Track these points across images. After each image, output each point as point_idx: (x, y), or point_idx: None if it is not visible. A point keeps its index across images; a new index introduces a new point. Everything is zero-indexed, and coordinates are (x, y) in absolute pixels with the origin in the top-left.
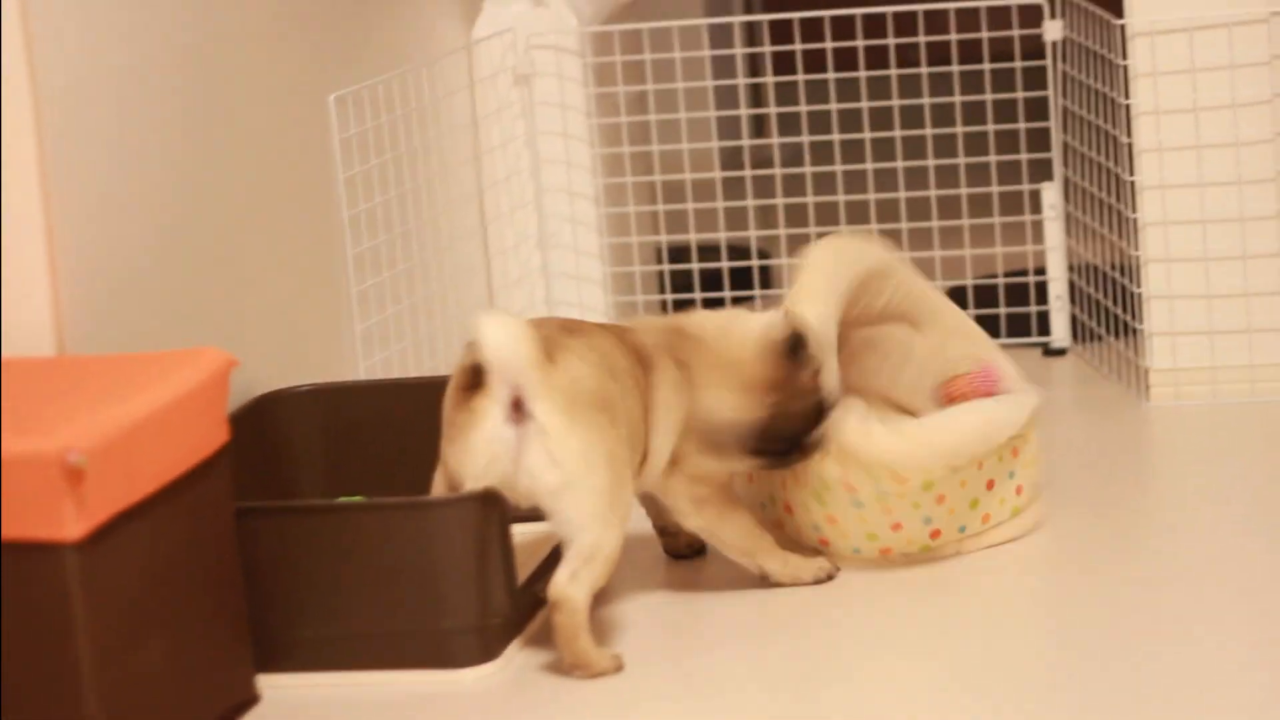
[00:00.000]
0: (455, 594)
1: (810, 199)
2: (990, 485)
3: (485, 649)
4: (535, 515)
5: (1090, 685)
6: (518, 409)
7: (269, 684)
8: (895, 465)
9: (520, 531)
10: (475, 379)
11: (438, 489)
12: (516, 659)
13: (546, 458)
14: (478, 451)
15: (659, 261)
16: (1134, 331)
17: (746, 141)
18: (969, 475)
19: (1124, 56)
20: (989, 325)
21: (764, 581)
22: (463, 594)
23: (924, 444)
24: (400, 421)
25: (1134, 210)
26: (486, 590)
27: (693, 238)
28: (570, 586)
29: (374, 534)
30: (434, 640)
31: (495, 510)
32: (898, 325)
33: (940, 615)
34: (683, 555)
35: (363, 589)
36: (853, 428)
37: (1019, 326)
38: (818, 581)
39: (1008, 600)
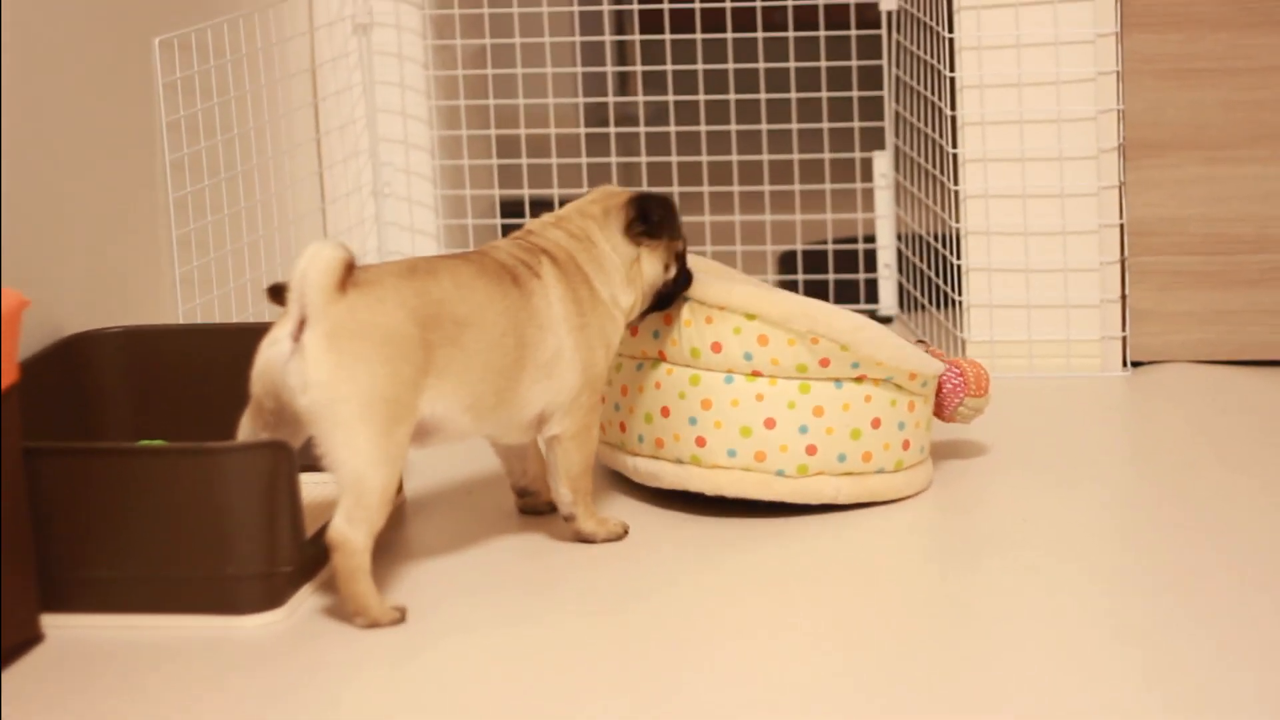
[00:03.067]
0: (241, 540)
1: (643, 159)
2: (876, 424)
3: (271, 596)
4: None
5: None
6: (301, 329)
7: (54, 624)
8: (755, 310)
9: (316, 482)
10: (280, 296)
11: (247, 408)
12: (302, 607)
13: (300, 380)
14: (260, 356)
15: (494, 215)
16: (955, 303)
17: (580, 99)
18: (853, 399)
19: (950, 29)
20: (818, 291)
21: (565, 522)
22: (249, 541)
23: (787, 297)
24: (211, 367)
25: (956, 183)
26: (273, 538)
27: (526, 192)
28: (347, 528)
29: (162, 478)
30: (220, 586)
31: (284, 458)
32: None
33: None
34: (540, 513)
35: (150, 533)
36: (718, 281)
37: (848, 293)
38: (614, 538)
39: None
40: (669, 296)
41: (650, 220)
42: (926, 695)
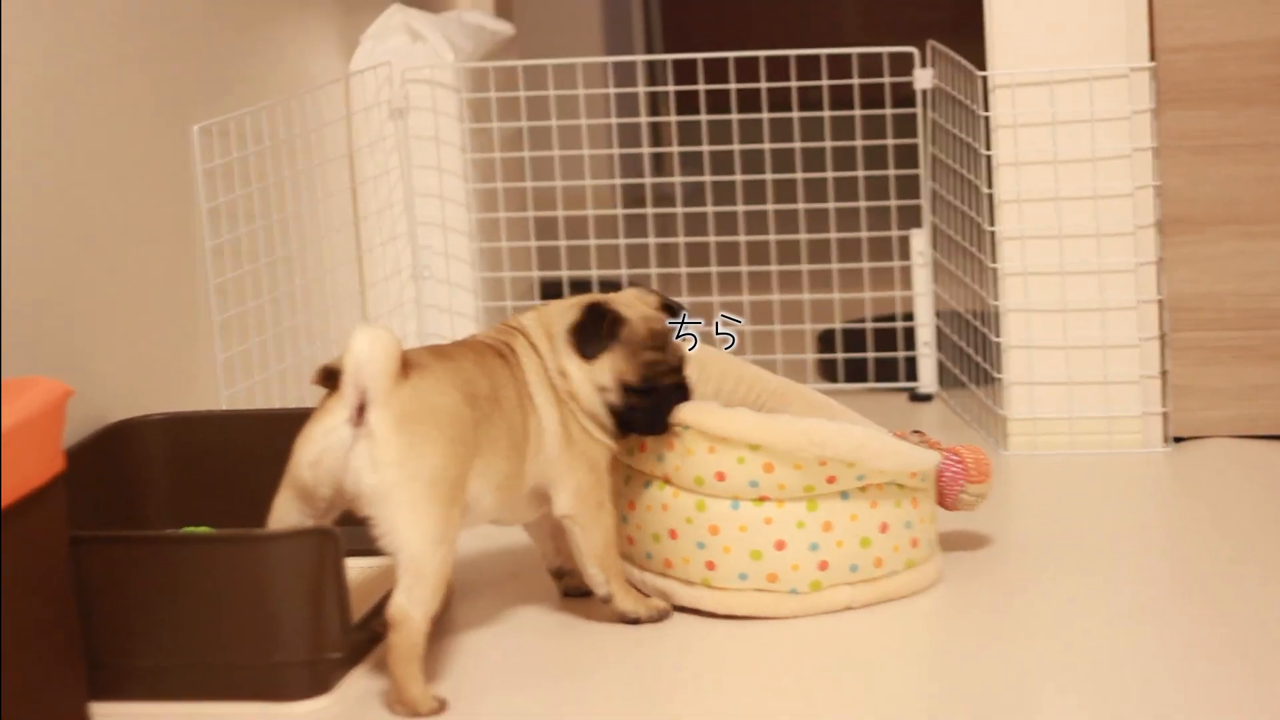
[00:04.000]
0: (288, 627)
1: (681, 239)
2: (884, 528)
3: (317, 682)
4: (375, 550)
5: None
6: (361, 413)
7: (103, 712)
8: (760, 441)
9: (359, 567)
10: (332, 380)
11: (282, 490)
12: (350, 694)
13: (369, 460)
14: (314, 441)
15: (533, 297)
16: (994, 380)
17: (617, 180)
18: (860, 509)
19: (986, 108)
20: (858, 369)
21: (603, 604)
22: (296, 627)
23: (789, 425)
24: (253, 452)
25: (994, 260)
26: (320, 624)
27: (564, 274)
28: (409, 606)
29: (208, 565)
30: (267, 673)
31: (331, 545)
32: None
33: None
34: (582, 593)
35: (197, 620)
36: (718, 413)
37: (887, 371)
38: (653, 620)
39: (867, 650)
40: (626, 427)
41: (576, 333)
42: None
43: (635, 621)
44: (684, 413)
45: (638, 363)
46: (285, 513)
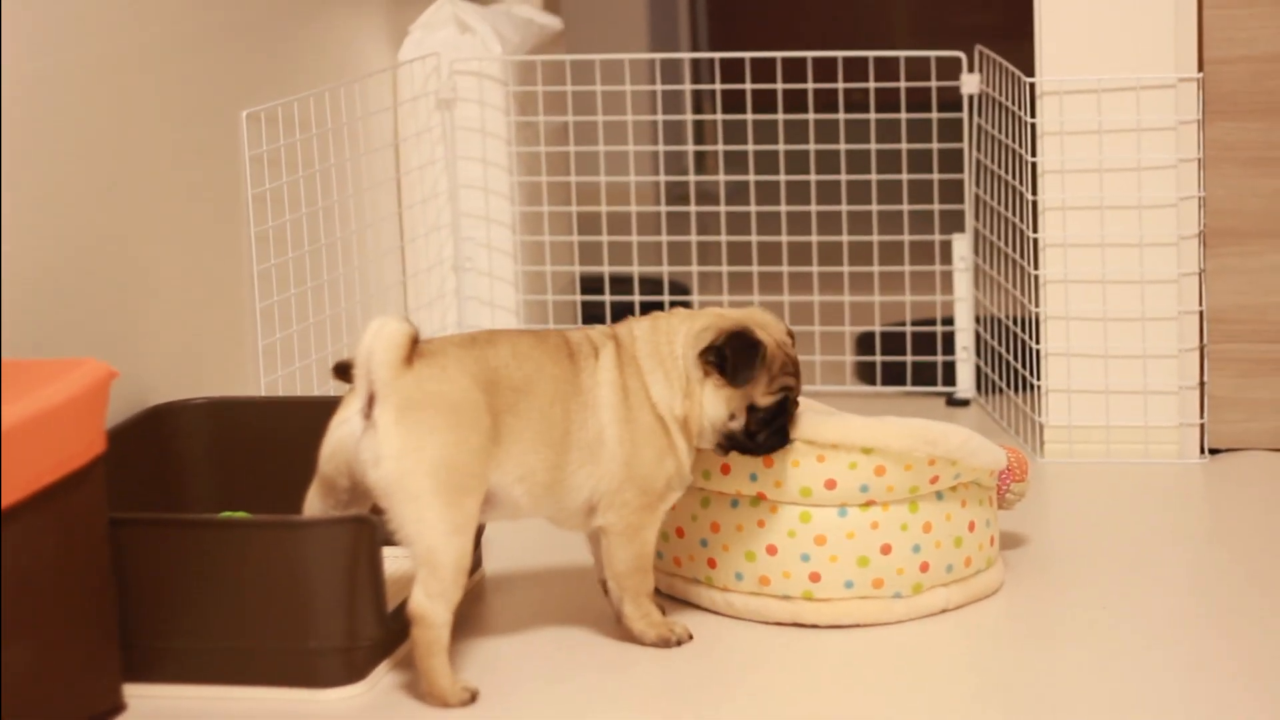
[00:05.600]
0: (323, 614)
1: (723, 238)
2: (972, 527)
3: (351, 670)
4: None
5: None
6: (371, 404)
7: (136, 694)
8: (874, 444)
9: (396, 557)
10: (346, 374)
11: (313, 481)
12: (383, 682)
13: (373, 454)
14: (330, 435)
15: (574, 292)
16: (1033, 387)
17: (661, 177)
18: (953, 509)
19: (1033, 114)
20: (896, 373)
21: (615, 622)
22: (330, 615)
23: (898, 425)
24: (292, 439)
25: (1036, 267)
26: (354, 612)
27: (606, 269)
28: (427, 602)
29: (246, 550)
30: (300, 659)
31: (366, 533)
32: None
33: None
34: None
35: (233, 604)
36: (822, 417)
37: (925, 375)
38: (663, 643)
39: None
40: (744, 448)
41: (724, 358)
42: None
43: (640, 642)
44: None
45: (775, 388)
46: (312, 504)
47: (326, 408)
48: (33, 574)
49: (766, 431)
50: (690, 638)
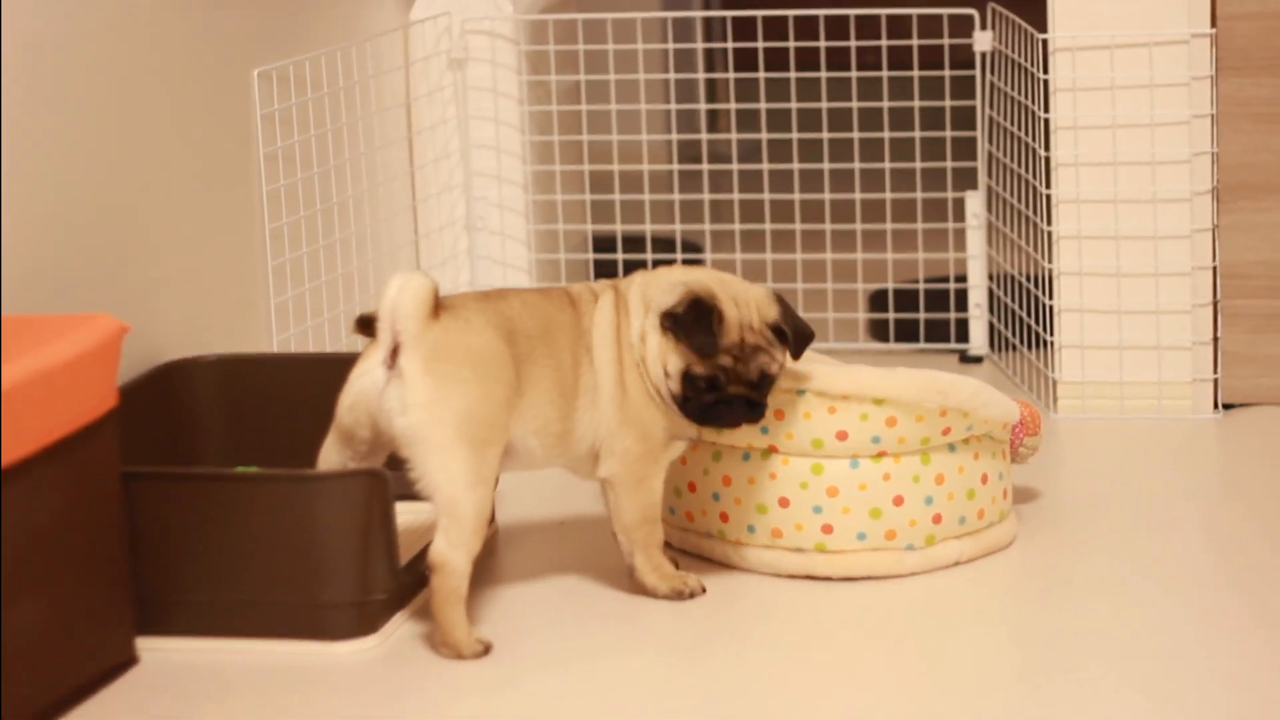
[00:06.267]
0: (335, 567)
1: (735, 195)
2: (984, 479)
3: (364, 623)
4: (424, 496)
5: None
6: (394, 356)
7: (149, 647)
8: (885, 394)
9: (410, 512)
10: (369, 328)
11: (329, 434)
12: (395, 635)
13: (399, 402)
14: (351, 385)
15: (586, 250)
16: (1046, 343)
17: (674, 135)
18: (965, 461)
19: (1046, 71)
20: (909, 330)
21: (627, 576)
22: (343, 568)
23: (910, 376)
24: (304, 395)
25: (1050, 223)
26: (367, 565)
27: (618, 228)
28: (448, 550)
29: (257, 504)
30: (313, 612)
31: (380, 486)
32: None
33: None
34: None
35: (245, 558)
36: (834, 369)
37: (938, 332)
38: (676, 596)
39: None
40: (680, 407)
41: (674, 317)
42: None
43: (652, 595)
44: (800, 376)
45: (710, 363)
46: (329, 456)
47: (338, 364)
48: (44, 528)
49: (697, 403)
50: (703, 590)
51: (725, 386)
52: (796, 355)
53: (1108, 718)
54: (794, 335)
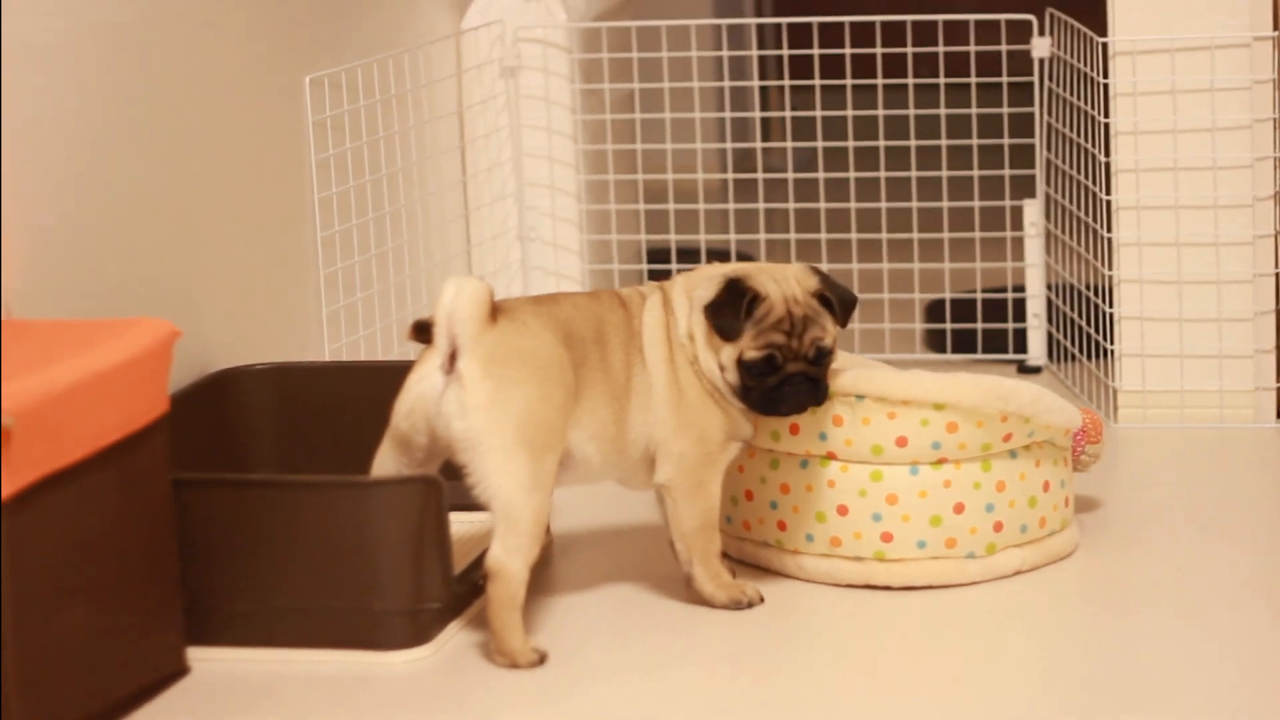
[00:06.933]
0: (389, 576)
1: (790, 204)
2: (1046, 487)
3: (417, 632)
4: (480, 504)
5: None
6: (452, 361)
7: (200, 656)
8: (946, 399)
9: (464, 521)
10: (424, 334)
11: (384, 441)
12: (449, 645)
13: (458, 406)
14: (409, 391)
15: (640, 261)
16: (1106, 352)
17: (729, 144)
18: (1027, 468)
19: (1105, 75)
20: (967, 341)
21: (685, 585)
22: (397, 576)
23: (970, 381)
24: (356, 405)
25: (1109, 230)
26: (421, 574)
27: (673, 238)
28: (505, 556)
29: (310, 511)
30: (366, 621)
31: (434, 493)
32: None
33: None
34: None
35: (298, 566)
36: (893, 374)
37: (996, 343)
38: (734, 605)
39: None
40: (756, 403)
41: (711, 306)
42: None
43: (710, 605)
44: (858, 382)
45: (761, 343)
46: (384, 463)
47: (392, 373)
48: (94, 534)
49: (759, 390)
50: (761, 600)
51: (783, 366)
52: (844, 322)
53: None
54: (839, 301)
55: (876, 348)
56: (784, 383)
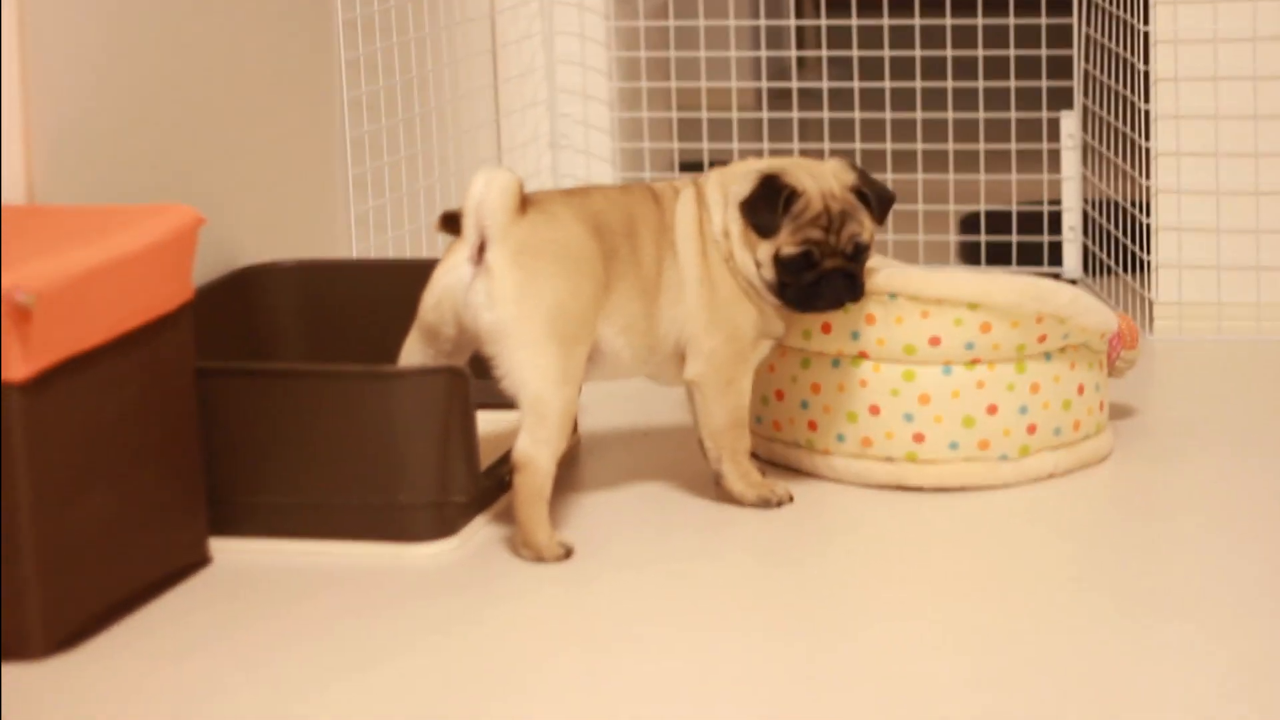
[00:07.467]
0: (414, 467)
1: (825, 114)
2: (1080, 390)
3: (443, 525)
4: (506, 402)
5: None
6: (480, 252)
7: (223, 547)
8: (980, 298)
9: (491, 420)
10: (454, 225)
11: (411, 333)
12: (475, 539)
13: (486, 297)
14: (436, 283)
15: (673, 170)
16: (1144, 265)
17: (763, 52)
18: (1061, 371)
19: None
20: (1001, 253)
21: (714, 483)
22: (422, 468)
23: (1006, 280)
24: (382, 302)
25: (1148, 139)
26: (446, 466)
27: (705, 146)
28: (532, 448)
29: (335, 401)
30: (391, 513)
31: (460, 383)
32: None
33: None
34: None
35: (323, 458)
36: (928, 272)
37: (1031, 256)
38: (764, 504)
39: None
40: (782, 298)
41: (748, 203)
42: (1113, 637)
43: (740, 503)
44: (892, 280)
45: (798, 239)
46: (411, 354)
47: (418, 270)
48: (116, 420)
49: (796, 287)
50: (791, 499)
51: (821, 261)
52: (881, 219)
53: (1198, 633)
54: (876, 197)
55: (910, 259)
56: (821, 279)
